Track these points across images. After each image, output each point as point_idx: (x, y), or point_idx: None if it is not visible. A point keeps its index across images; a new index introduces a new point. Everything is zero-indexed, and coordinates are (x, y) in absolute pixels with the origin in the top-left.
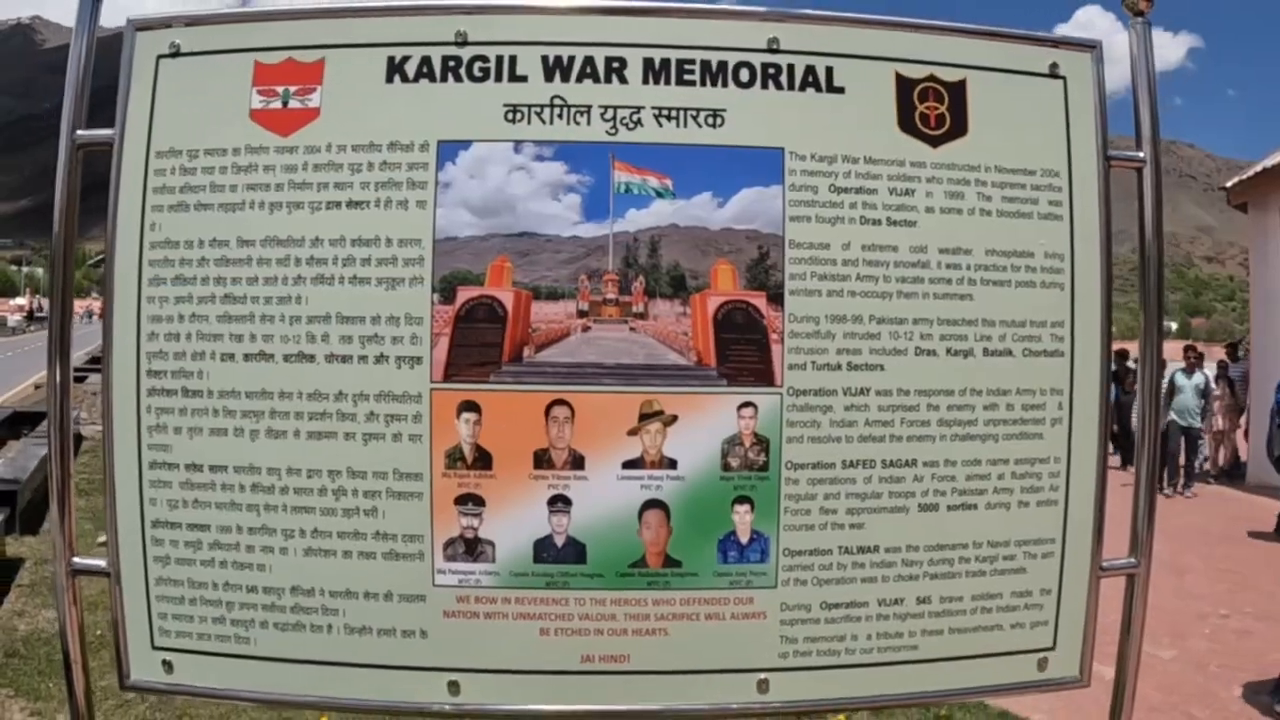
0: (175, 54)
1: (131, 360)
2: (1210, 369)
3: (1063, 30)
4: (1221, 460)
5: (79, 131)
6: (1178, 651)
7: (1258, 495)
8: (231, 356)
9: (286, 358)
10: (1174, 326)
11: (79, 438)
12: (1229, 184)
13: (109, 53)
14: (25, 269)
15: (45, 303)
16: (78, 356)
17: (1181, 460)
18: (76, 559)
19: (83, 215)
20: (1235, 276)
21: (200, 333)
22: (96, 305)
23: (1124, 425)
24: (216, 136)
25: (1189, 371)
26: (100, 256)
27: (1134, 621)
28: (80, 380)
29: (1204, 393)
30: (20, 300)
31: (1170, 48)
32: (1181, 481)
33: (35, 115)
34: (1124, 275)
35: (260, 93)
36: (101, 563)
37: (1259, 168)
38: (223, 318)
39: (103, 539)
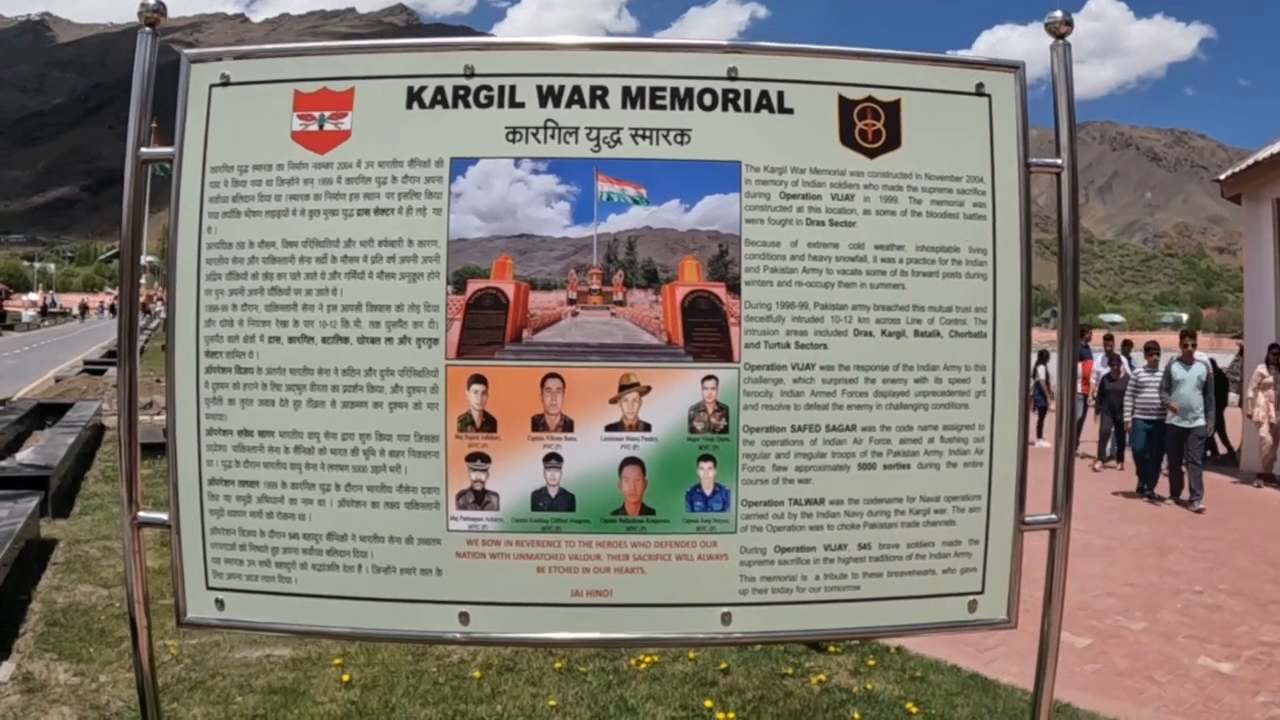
0: (225, 83)
1: (192, 344)
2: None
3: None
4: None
5: (142, 149)
6: (1148, 623)
7: (1248, 484)
8: (278, 339)
9: (324, 340)
10: (1185, 318)
11: (101, 428)
12: (1222, 176)
13: (119, 49)
14: (37, 264)
15: (58, 298)
16: (95, 350)
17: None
18: (141, 513)
19: (92, 211)
20: None
21: (251, 319)
22: (108, 299)
23: (1113, 415)
24: (263, 154)
25: (1187, 362)
26: (111, 252)
27: (1056, 571)
28: (99, 373)
29: (1205, 386)
30: (33, 296)
31: (1182, 39)
32: (1186, 491)
33: (46, 111)
34: (1134, 267)
35: (300, 117)
36: (163, 516)
37: (1250, 161)
38: (270, 307)
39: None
